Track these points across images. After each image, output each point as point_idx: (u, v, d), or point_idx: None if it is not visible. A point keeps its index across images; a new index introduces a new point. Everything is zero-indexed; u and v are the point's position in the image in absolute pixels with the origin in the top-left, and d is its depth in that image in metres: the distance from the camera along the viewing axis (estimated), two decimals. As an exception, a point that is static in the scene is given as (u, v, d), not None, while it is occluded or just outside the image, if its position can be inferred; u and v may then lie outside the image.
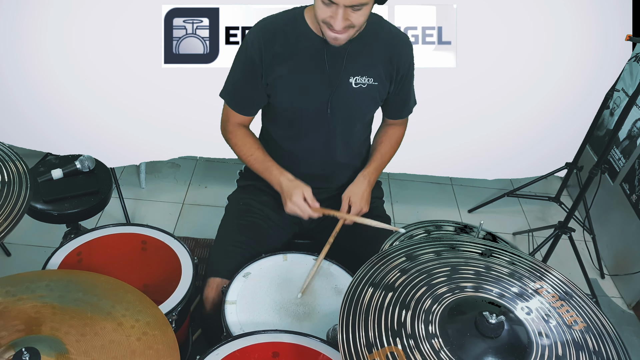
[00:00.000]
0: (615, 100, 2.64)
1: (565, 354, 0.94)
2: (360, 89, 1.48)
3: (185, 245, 1.51)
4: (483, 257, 1.13)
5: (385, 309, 0.98)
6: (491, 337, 0.92)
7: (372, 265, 1.09)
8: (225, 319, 1.30)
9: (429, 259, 1.11)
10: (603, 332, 0.99)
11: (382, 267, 1.08)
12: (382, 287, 1.03)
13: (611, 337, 0.98)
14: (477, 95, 2.41)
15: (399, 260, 1.10)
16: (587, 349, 0.95)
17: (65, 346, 1.00)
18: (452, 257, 1.13)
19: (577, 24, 2.30)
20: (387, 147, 1.66)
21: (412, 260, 1.11)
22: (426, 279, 1.06)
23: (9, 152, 1.25)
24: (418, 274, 1.07)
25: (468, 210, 2.81)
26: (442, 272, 1.08)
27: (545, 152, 2.61)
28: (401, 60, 1.50)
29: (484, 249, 1.16)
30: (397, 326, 0.95)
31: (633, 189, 2.42)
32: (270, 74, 1.45)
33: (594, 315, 1.02)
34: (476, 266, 1.11)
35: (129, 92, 2.30)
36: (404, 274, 1.06)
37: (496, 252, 1.16)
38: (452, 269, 1.09)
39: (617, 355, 0.95)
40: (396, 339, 0.93)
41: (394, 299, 1.00)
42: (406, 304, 1.00)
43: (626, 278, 2.41)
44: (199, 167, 2.90)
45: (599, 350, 0.95)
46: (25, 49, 2.21)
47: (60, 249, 1.45)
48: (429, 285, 1.04)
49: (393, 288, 1.03)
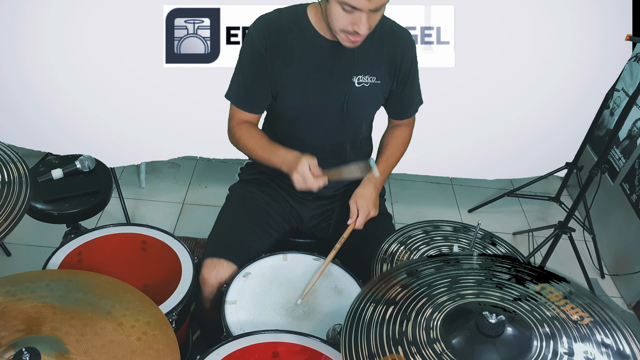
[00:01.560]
0: (616, 100, 2.64)
1: (572, 348, 0.94)
2: (364, 88, 1.47)
3: (186, 245, 1.51)
4: (482, 268, 1.14)
5: (387, 321, 0.99)
6: (493, 336, 0.92)
7: (373, 285, 1.10)
8: (225, 319, 1.30)
9: (429, 274, 1.12)
10: (611, 324, 0.99)
11: (384, 285, 1.09)
12: (383, 303, 1.04)
13: (619, 327, 0.98)
14: (477, 95, 2.41)
15: (400, 278, 1.11)
16: (595, 342, 0.95)
17: (65, 346, 1.00)
18: (452, 269, 1.13)
19: (577, 24, 2.30)
20: (393, 150, 1.64)
21: (413, 276, 1.11)
22: (427, 291, 1.06)
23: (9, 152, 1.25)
24: (418, 287, 1.08)
25: (468, 210, 2.81)
26: (443, 283, 1.09)
27: (545, 152, 2.61)
28: (404, 58, 1.49)
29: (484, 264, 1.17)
30: (398, 336, 0.96)
31: (633, 189, 2.42)
32: (273, 69, 1.44)
33: (600, 310, 1.02)
34: (477, 276, 1.11)
35: (130, 92, 2.30)
36: (404, 289, 1.07)
37: (495, 265, 1.16)
38: (452, 279, 1.10)
39: (629, 345, 0.94)
40: (398, 347, 0.94)
41: (394, 312, 1.01)
42: (407, 315, 1.00)
43: (626, 278, 2.41)
44: (199, 167, 2.90)
45: (609, 343, 0.95)
46: (25, 49, 2.21)
47: (60, 249, 1.45)
48: (429, 296, 1.05)
49: (394, 302, 1.04)
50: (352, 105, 1.49)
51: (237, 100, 1.53)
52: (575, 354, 0.92)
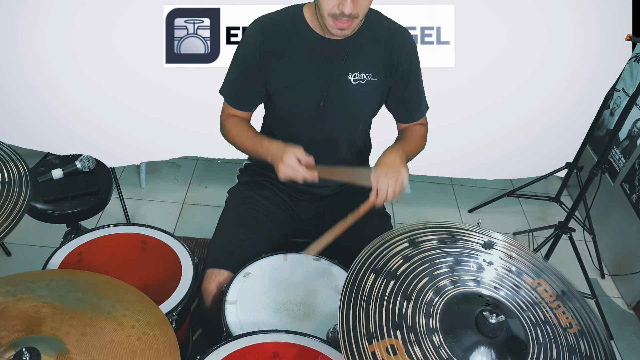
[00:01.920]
0: (616, 100, 2.64)
1: (559, 357, 0.94)
2: (359, 85, 1.47)
3: (186, 245, 1.51)
4: (484, 249, 1.12)
5: (387, 298, 0.97)
6: (491, 337, 0.92)
7: (374, 249, 1.06)
8: (225, 319, 1.30)
9: (431, 247, 1.09)
10: (595, 337, 0.98)
11: (385, 252, 1.06)
12: (384, 275, 1.01)
13: (602, 344, 0.97)
14: (477, 95, 2.41)
15: (401, 246, 1.08)
16: (579, 354, 0.95)
17: (65, 346, 1.00)
18: (455, 246, 1.11)
19: (577, 24, 2.30)
20: (412, 141, 1.56)
21: (415, 246, 1.08)
22: (429, 269, 1.04)
23: (9, 152, 1.25)
24: (421, 263, 1.05)
25: (468, 210, 2.81)
26: (445, 263, 1.07)
27: (545, 152, 2.61)
28: (402, 55, 1.48)
29: (486, 240, 1.15)
30: (398, 317, 0.94)
31: (633, 189, 2.42)
32: (268, 69, 1.45)
33: (588, 319, 1.02)
34: (477, 258, 1.10)
35: (130, 92, 2.30)
36: (406, 262, 1.05)
37: (497, 245, 1.15)
38: (454, 259, 1.08)
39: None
40: (397, 331, 0.92)
41: (395, 287, 0.99)
42: (408, 294, 0.98)
43: (626, 278, 2.41)
44: (199, 167, 2.90)
45: (590, 356, 0.94)
46: (25, 49, 2.21)
47: (60, 249, 1.45)
48: (431, 276, 1.03)
49: (395, 276, 1.01)
50: (348, 102, 1.49)
51: (228, 97, 1.56)
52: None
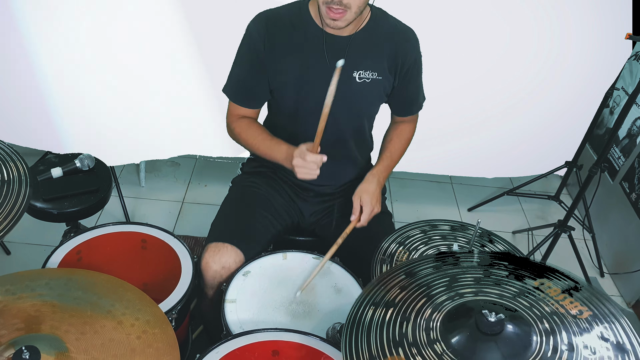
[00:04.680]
0: (615, 98, 2.64)
1: (572, 343, 0.94)
2: (364, 83, 1.47)
3: (185, 244, 1.51)
4: (480, 266, 1.14)
5: (387, 324, 0.99)
6: (492, 334, 0.92)
7: (371, 287, 1.09)
8: (225, 317, 1.30)
9: (427, 273, 1.12)
10: (610, 317, 0.98)
11: (382, 287, 1.09)
12: (382, 305, 1.04)
13: (618, 320, 0.97)
14: (477, 95, 2.41)
15: (398, 279, 1.11)
16: (595, 336, 0.95)
17: (65, 344, 1.00)
18: (451, 268, 1.13)
19: (577, 22, 2.30)
20: (397, 146, 1.63)
21: (412, 277, 1.11)
22: (426, 291, 1.06)
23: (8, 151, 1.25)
24: (417, 287, 1.08)
25: (468, 208, 2.81)
26: (442, 283, 1.08)
27: (544, 150, 2.62)
28: (407, 55, 1.49)
29: (481, 257, 1.16)
30: (398, 337, 0.96)
31: (633, 188, 2.42)
32: (272, 64, 1.44)
33: (599, 303, 1.02)
34: (475, 274, 1.11)
35: (129, 91, 2.30)
36: (403, 290, 1.07)
37: (494, 261, 1.16)
38: (451, 278, 1.10)
39: (628, 338, 0.94)
40: (398, 349, 0.94)
41: (394, 314, 1.01)
42: (407, 316, 1.01)
43: (625, 277, 2.41)
44: (199, 165, 2.90)
45: (607, 337, 0.94)
46: (25, 49, 2.21)
47: (60, 248, 1.45)
48: (428, 296, 1.05)
49: (393, 304, 1.04)
50: (352, 100, 1.49)
51: (234, 95, 1.53)
52: (576, 348, 0.92)
